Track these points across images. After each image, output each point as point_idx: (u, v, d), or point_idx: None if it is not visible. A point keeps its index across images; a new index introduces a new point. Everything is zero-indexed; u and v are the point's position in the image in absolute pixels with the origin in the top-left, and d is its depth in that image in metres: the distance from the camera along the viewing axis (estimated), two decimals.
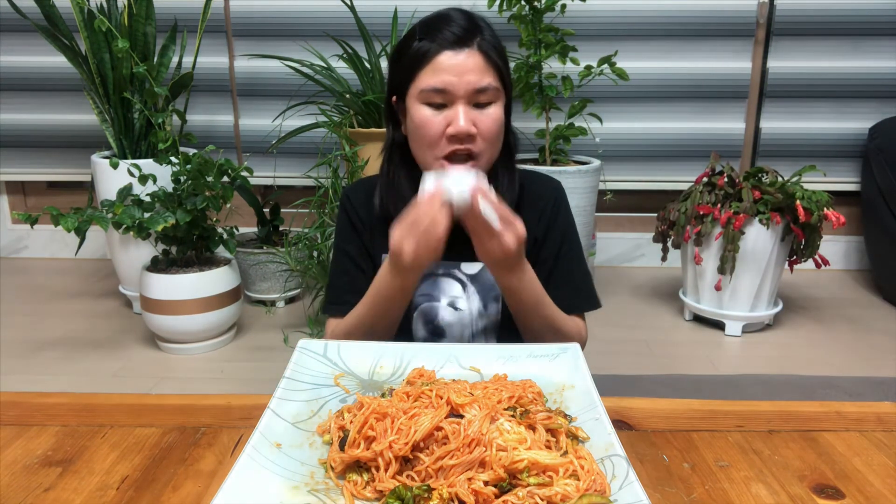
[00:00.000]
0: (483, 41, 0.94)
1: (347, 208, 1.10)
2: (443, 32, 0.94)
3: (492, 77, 0.94)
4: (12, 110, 3.00)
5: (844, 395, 1.97)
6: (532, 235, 1.05)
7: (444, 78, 0.93)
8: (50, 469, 0.68)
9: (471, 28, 0.95)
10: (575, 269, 1.08)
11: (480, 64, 0.93)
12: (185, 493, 0.64)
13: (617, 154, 2.94)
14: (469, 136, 0.94)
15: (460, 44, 0.93)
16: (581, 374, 0.76)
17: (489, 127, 0.95)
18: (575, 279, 1.08)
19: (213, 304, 2.20)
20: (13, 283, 2.92)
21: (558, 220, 1.08)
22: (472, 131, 0.94)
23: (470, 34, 0.94)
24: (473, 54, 0.93)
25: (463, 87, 0.93)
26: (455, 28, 0.94)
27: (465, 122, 0.93)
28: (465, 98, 0.93)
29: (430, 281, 1.07)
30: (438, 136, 0.95)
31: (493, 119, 0.95)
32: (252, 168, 2.44)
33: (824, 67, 2.85)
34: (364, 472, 0.61)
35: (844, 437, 0.74)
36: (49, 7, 2.36)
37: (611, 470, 0.60)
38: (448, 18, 0.95)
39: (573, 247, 1.09)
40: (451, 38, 0.93)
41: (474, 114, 0.94)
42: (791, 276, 2.77)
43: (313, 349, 0.82)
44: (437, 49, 0.93)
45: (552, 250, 1.07)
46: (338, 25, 2.75)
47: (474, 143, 0.95)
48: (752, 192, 2.26)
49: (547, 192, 1.09)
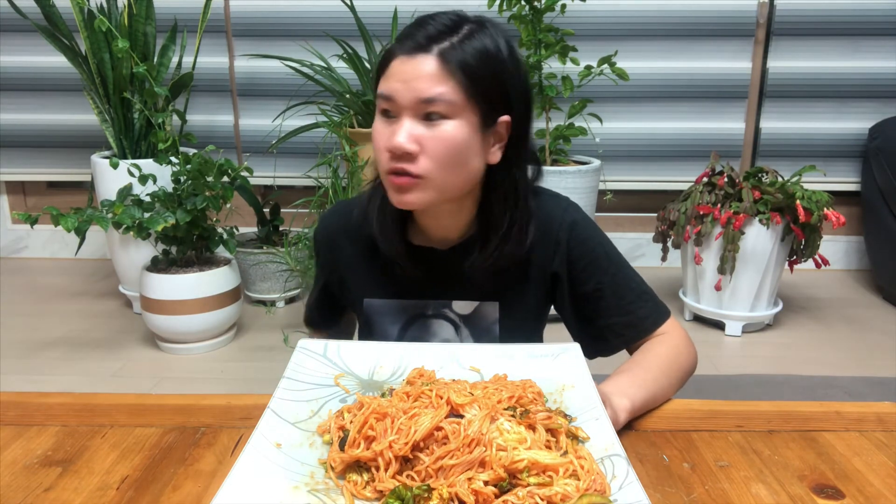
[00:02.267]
0: (453, 48, 0.80)
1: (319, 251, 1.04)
2: (409, 37, 0.82)
3: (448, 87, 0.79)
4: (12, 110, 3.00)
5: (844, 395, 1.97)
6: (549, 271, 0.95)
7: (391, 84, 0.81)
8: (50, 469, 0.68)
9: (440, 33, 0.81)
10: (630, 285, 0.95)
11: (434, 71, 0.79)
12: (185, 493, 0.64)
13: (617, 154, 2.94)
14: (407, 154, 0.81)
15: (417, 49, 0.80)
16: (581, 374, 0.76)
17: (435, 146, 0.81)
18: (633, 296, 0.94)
19: (213, 304, 2.20)
20: (13, 283, 2.92)
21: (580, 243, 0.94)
22: (408, 148, 0.80)
23: (434, 39, 0.81)
24: (427, 60, 0.80)
25: (408, 96, 0.80)
26: (422, 32, 0.81)
27: (403, 136, 0.80)
28: (411, 109, 0.80)
29: (420, 323, 0.97)
30: (382, 149, 0.83)
31: (441, 137, 0.80)
32: (252, 168, 2.44)
33: (824, 67, 2.85)
34: (364, 472, 0.61)
35: (844, 437, 0.74)
36: (49, 7, 2.36)
37: (611, 470, 0.60)
38: (425, 22, 0.83)
39: (613, 260, 0.95)
40: (409, 44, 0.81)
41: (420, 130, 0.81)
42: (791, 276, 2.77)
43: (313, 349, 0.81)
44: (394, 54, 0.82)
45: (595, 276, 0.94)
46: (338, 25, 2.75)
47: (415, 163, 0.81)
48: (752, 192, 2.26)
49: (558, 215, 0.95)
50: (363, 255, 0.97)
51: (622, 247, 3.41)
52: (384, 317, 0.98)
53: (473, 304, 0.96)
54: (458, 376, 0.76)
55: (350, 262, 0.99)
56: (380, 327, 0.99)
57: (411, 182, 0.82)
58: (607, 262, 0.95)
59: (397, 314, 0.98)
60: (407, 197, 0.84)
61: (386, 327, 0.98)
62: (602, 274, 0.94)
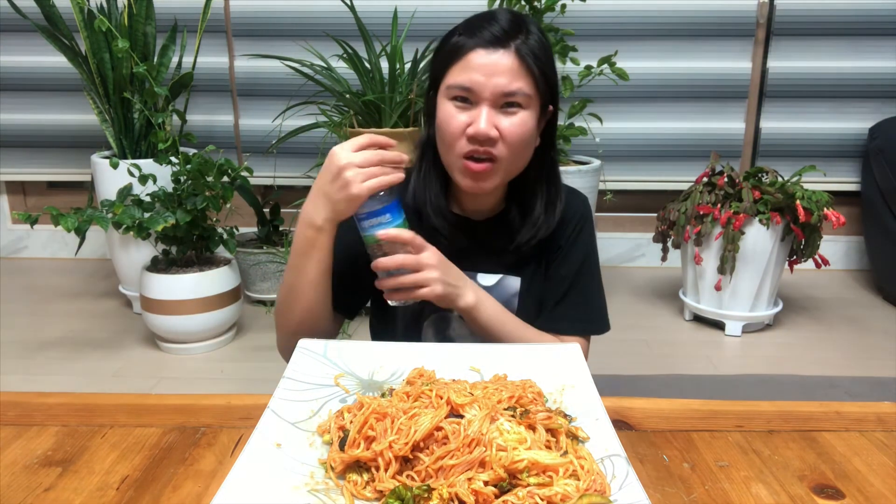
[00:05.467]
0: (524, 45, 0.89)
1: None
2: (482, 30, 0.90)
3: (524, 82, 0.89)
4: (12, 110, 3.00)
5: (844, 395, 1.97)
6: (557, 245, 1.04)
7: (472, 76, 0.89)
8: (50, 469, 0.68)
9: (512, 29, 0.90)
10: (593, 290, 1.06)
11: (513, 67, 0.89)
12: (185, 493, 0.64)
13: (617, 154, 2.94)
14: (489, 139, 0.90)
15: (496, 44, 0.89)
16: (581, 374, 0.76)
17: (513, 133, 0.90)
18: (591, 301, 1.06)
19: (213, 304, 2.20)
20: (13, 283, 2.92)
21: (583, 237, 1.05)
22: (491, 134, 0.89)
23: (509, 35, 0.89)
24: (508, 56, 0.89)
25: (490, 89, 0.88)
26: (495, 27, 0.89)
27: (486, 123, 0.89)
28: (490, 100, 0.89)
29: None
30: (459, 133, 0.91)
31: (518, 125, 0.90)
32: (252, 168, 2.44)
33: (824, 67, 2.85)
34: (364, 472, 0.61)
35: (844, 437, 0.74)
36: (49, 7, 2.36)
37: (611, 470, 0.60)
38: (492, 17, 0.91)
39: (593, 267, 1.06)
40: (487, 37, 0.89)
41: (498, 117, 0.90)
42: (791, 276, 2.77)
43: (313, 349, 0.82)
44: (471, 46, 0.89)
45: (573, 267, 1.04)
46: (338, 25, 2.75)
47: (495, 146, 0.90)
48: (752, 192, 2.26)
49: (577, 206, 1.06)
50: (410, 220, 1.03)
51: (622, 247, 3.41)
52: None
53: (497, 277, 1.03)
54: (458, 376, 0.76)
55: None
56: None
57: (488, 167, 0.92)
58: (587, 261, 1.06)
59: None
60: (482, 183, 0.93)
61: None
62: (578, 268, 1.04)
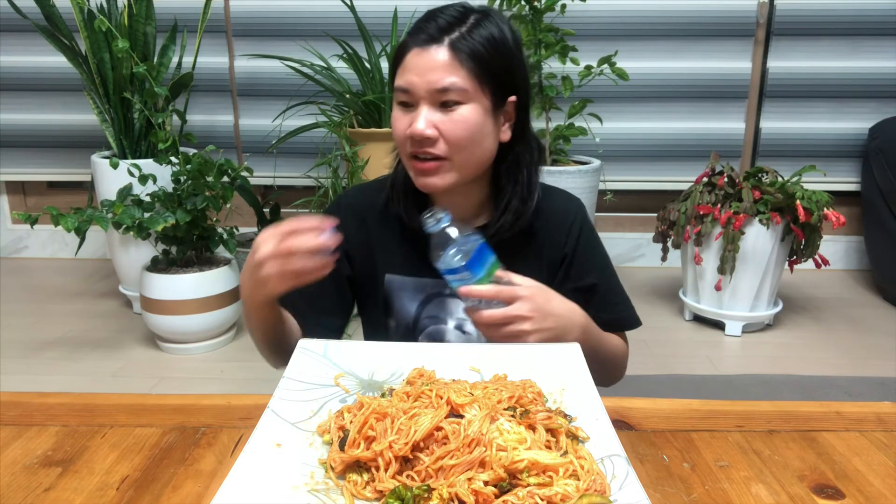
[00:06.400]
0: (461, 38, 0.87)
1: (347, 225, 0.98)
2: (420, 31, 0.89)
3: (460, 76, 0.86)
4: (12, 110, 3.00)
5: (844, 395, 1.97)
6: (560, 252, 1.02)
7: (408, 77, 0.88)
8: (50, 469, 0.68)
9: (451, 24, 0.88)
10: (618, 289, 1.05)
11: (446, 62, 0.86)
12: (185, 493, 0.64)
13: (617, 154, 2.94)
14: (427, 139, 0.88)
15: (430, 41, 0.87)
16: (581, 374, 0.76)
17: (451, 129, 0.88)
18: (620, 300, 1.05)
19: (213, 304, 2.20)
20: (13, 283, 2.92)
21: (589, 240, 1.03)
22: (427, 133, 0.87)
23: (444, 31, 0.87)
24: (440, 51, 0.86)
25: (424, 87, 0.87)
26: (432, 25, 0.88)
27: (422, 123, 0.87)
28: (427, 98, 0.88)
29: (437, 301, 1.01)
30: (403, 136, 0.90)
31: (458, 122, 0.88)
32: (252, 168, 2.44)
33: (824, 67, 2.85)
34: (364, 472, 0.61)
35: (844, 437, 0.74)
36: (49, 7, 2.36)
37: (611, 470, 0.60)
38: (432, 15, 0.90)
39: (609, 267, 1.05)
40: (422, 37, 0.88)
41: (437, 116, 0.88)
42: (791, 276, 2.77)
43: (313, 349, 0.81)
44: (409, 47, 0.89)
45: (593, 275, 1.02)
46: (338, 25, 2.75)
47: (435, 146, 0.89)
48: (752, 192, 2.26)
49: (570, 208, 1.03)
50: (389, 231, 1.01)
51: (622, 247, 3.41)
52: (404, 293, 1.01)
53: None
54: (458, 376, 0.76)
55: (378, 236, 1.02)
56: (398, 303, 1.02)
57: (434, 166, 0.90)
58: (604, 263, 1.05)
59: (416, 291, 1.01)
60: (430, 180, 0.91)
61: (405, 303, 1.01)
62: (600, 273, 1.03)
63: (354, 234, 1.01)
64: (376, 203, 1.02)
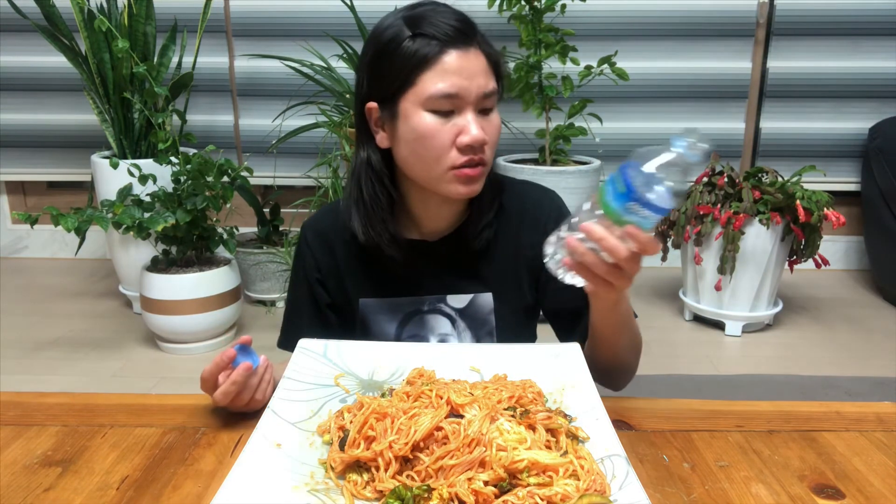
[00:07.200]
0: (482, 39, 0.85)
1: (306, 254, 0.99)
2: (441, 28, 0.81)
3: (494, 80, 0.85)
4: (12, 110, 3.00)
5: (844, 395, 1.97)
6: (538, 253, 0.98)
7: (455, 81, 0.81)
8: (50, 469, 0.68)
9: (468, 23, 0.84)
10: None
11: (485, 66, 0.84)
12: (185, 493, 0.64)
13: (617, 154, 2.94)
14: (481, 147, 0.85)
15: (466, 42, 0.82)
16: (581, 374, 0.76)
17: (493, 134, 0.87)
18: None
19: (213, 304, 2.20)
20: (13, 283, 2.92)
21: None
22: (486, 140, 0.84)
23: (471, 30, 0.84)
24: (479, 54, 0.83)
25: (474, 92, 0.82)
26: (453, 22, 0.82)
27: (478, 129, 0.83)
28: (474, 104, 0.83)
29: (417, 319, 0.97)
30: (448, 146, 0.84)
31: (496, 126, 0.87)
32: (252, 168, 2.44)
33: (824, 67, 2.85)
34: (364, 472, 0.61)
35: (844, 437, 0.74)
36: (49, 7, 2.36)
37: (611, 470, 0.60)
38: (439, 11, 0.84)
39: None
40: (454, 35, 0.81)
41: (481, 120, 0.84)
42: (791, 276, 2.77)
43: (313, 349, 0.82)
44: (442, 48, 0.81)
45: None
46: (338, 25, 2.75)
47: (484, 152, 0.86)
48: (752, 192, 2.26)
49: (546, 203, 1.00)
50: (356, 255, 0.96)
51: None
52: (380, 315, 0.98)
53: (468, 297, 0.97)
54: (458, 376, 0.76)
55: (346, 263, 0.97)
56: (377, 326, 0.98)
57: (480, 171, 0.87)
58: None
59: (393, 312, 0.97)
60: (476, 186, 0.88)
61: (383, 326, 0.98)
62: None
63: (325, 262, 0.98)
64: (338, 227, 0.96)
